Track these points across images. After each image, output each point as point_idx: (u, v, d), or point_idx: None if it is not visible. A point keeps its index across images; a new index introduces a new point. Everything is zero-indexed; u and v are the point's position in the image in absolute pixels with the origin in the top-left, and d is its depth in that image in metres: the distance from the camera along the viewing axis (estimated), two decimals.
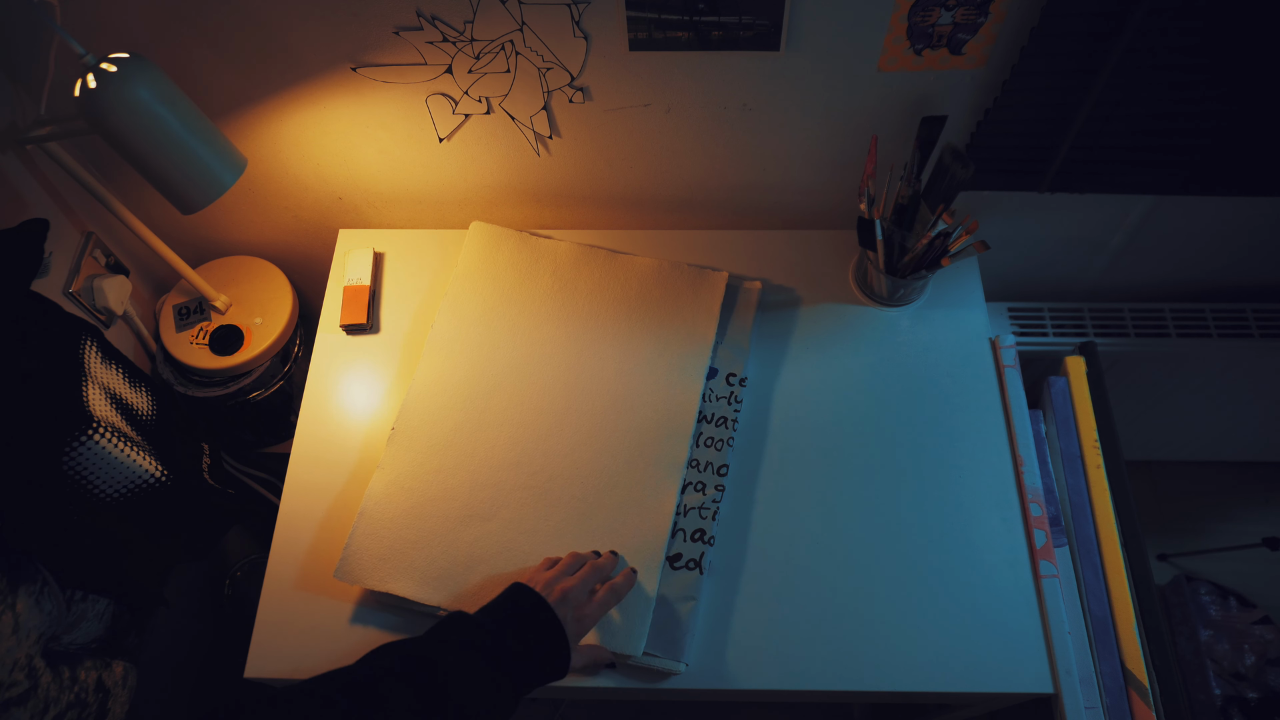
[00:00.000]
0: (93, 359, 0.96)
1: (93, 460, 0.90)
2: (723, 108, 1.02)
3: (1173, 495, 1.78)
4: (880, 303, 1.11)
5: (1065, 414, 1.08)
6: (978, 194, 1.13)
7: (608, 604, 0.84)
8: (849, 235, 1.15)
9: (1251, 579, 1.62)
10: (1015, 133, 1.00)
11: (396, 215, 1.24)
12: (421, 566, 0.92)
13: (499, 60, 0.96)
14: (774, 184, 1.15)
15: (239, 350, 1.21)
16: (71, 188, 1.08)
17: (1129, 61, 0.89)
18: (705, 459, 1.00)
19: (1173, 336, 1.29)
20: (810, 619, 0.92)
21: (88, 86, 0.79)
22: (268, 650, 0.92)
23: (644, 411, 1.01)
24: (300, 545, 0.98)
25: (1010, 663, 0.89)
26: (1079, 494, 1.03)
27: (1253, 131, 0.97)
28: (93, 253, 1.11)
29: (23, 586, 0.81)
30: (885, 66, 0.95)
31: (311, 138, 1.09)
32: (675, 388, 1.03)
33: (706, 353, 1.05)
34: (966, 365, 1.06)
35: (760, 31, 0.90)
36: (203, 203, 0.89)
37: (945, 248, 0.99)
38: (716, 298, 1.09)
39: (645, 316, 1.08)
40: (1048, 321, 1.30)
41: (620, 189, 1.17)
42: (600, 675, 0.88)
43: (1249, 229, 1.21)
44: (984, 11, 0.87)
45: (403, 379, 1.08)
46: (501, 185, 1.17)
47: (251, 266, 1.28)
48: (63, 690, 0.85)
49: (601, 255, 1.13)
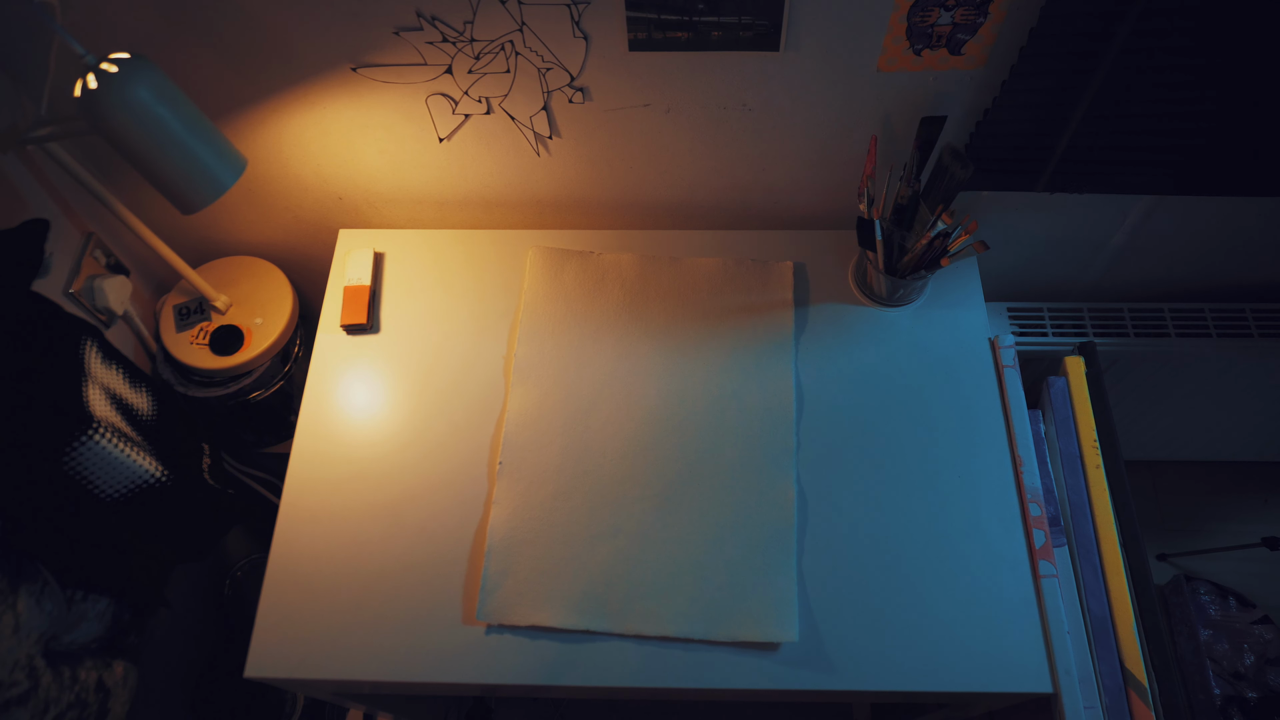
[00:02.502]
0: (93, 359, 0.96)
1: (93, 460, 0.90)
2: (722, 108, 1.02)
3: (1173, 495, 1.78)
4: (880, 303, 1.11)
5: (1065, 414, 1.08)
6: (977, 194, 1.13)
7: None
8: (849, 235, 1.16)
9: (1251, 579, 1.62)
10: (1014, 133, 1.00)
11: (396, 215, 1.24)
12: (561, 594, 0.93)
13: (499, 60, 0.96)
14: (774, 184, 1.15)
15: (239, 350, 1.21)
16: (72, 188, 1.08)
17: (1127, 62, 0.89)
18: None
19: (1172, 336, 1.29)
20: (810, 619, 0.92)
21: (88, 87, 0.79)
22: (268, 650, 0.92)
23: (744, 406, 1.04)
24: (300, 545, 0.98)
25: (1010, 662, 0.90)
26: (1078, 494, 1.03)
27: (1249, 131, 0.97)
28: (93, 253, 1.11)
29: (23, 586, 0.81)
30: (885, 67, 0.95)
31: (311, 138, 1.09)
32: (768, 377, 1.06)
33: (789, 340, 1.08)
34: (966, 365, 1.07)
35: (760, 32, 0.90)
36: (203, 203, 0.89)
37: (945, 248, 0.99)
38: (788, 286, 1.12)
39: (723, 314, 1.11)
40: (1047, 321, 1.30)
41: (620, 189, 1.17)
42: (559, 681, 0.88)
43: (1248, 229, 1.21)
44: (983, 12, 0.87)
45: (403, 380, 1.08)
46: (501, 185, 1.17)
47: (251, 266, 1.28)
48: (63, 690, 0.85)
49: (665, 262, 1.15)
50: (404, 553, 0.97)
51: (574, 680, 0.90)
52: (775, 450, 1.01)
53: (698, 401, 1.04)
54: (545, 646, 0.91)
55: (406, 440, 1.04)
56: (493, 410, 1.05)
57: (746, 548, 0.95)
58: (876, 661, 0.89)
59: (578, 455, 1.01)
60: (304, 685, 0.98)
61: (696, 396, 1.05)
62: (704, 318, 1.11)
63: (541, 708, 1.62)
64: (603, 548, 0.96)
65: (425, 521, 0.99)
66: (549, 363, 1.07)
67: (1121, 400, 1.43)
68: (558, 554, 0.95)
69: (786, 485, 0.99)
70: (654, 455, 1.01)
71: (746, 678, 0.89)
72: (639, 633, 0.91)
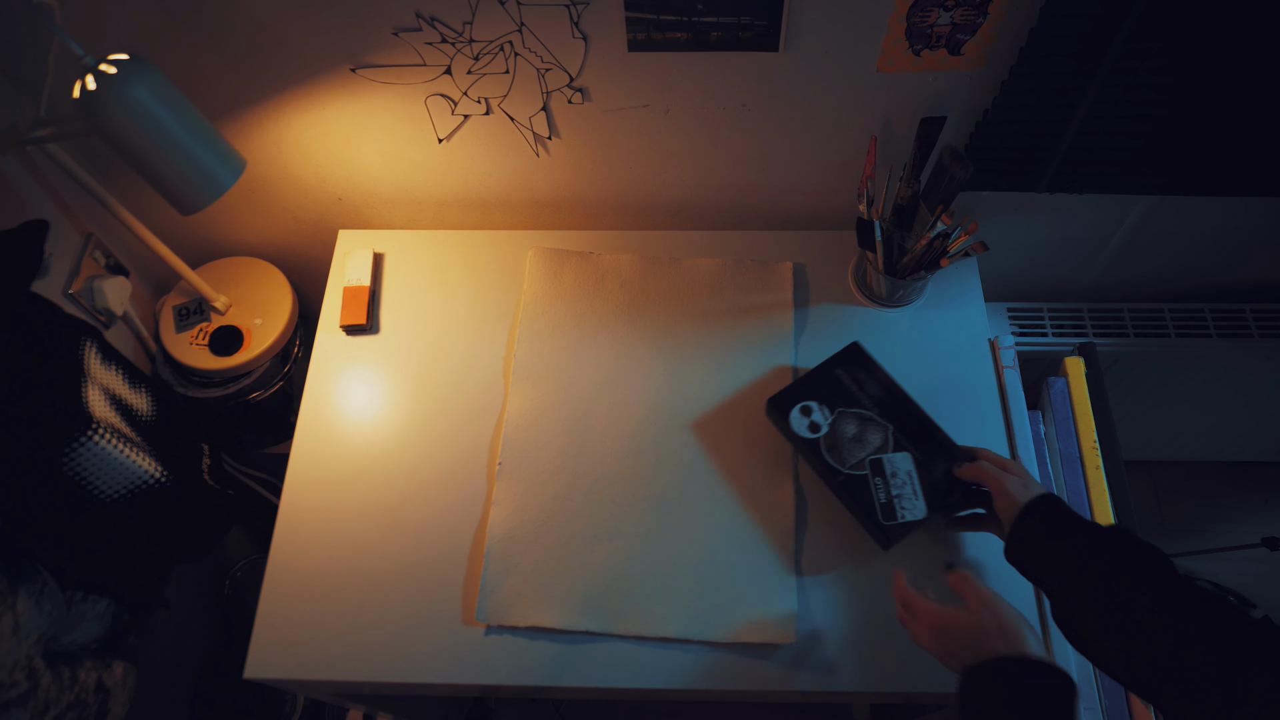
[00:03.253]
0: (92, 360, 0.96)
1: (93, 461, 0.90)
2: (722, 108, 1.02)
3: (1173, 495, 1.78)
4: (879, 303, 1.11)
5: (1064, 415, 1.08)
6: (977, 194, 1.13)
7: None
8: (848, 236, 1.15)
9: (1251, 579, 1.62)
10: (1014, 133, 1.00)
11: (396, 216, 1.24)
12: (561, 595, 0.93)
13: (498, 61, 0.96)
14: (773, 184, 1.15)
15: (239, 351, 1.21)
16: (71, 188, 1.08)
17: (1127, 62, 0.89)
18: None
19: (1172, 336, 1.29)
20: (809, 619, 0.92)
21: (87, 88, 0.79)
22: (268, 651, 0.93)
23: (743, 409, 1.03)
24: (300, 545, 0.98)
25: None
26: (1078, 495, 1.03)
27: (1250, 131, 0.97)
28: (93, 254, 1.11)
29: (23, 587, 0.81)
30: (884, 67, 0.95)
31: (311, 139, 1.09)
32: (768, 380, 1.05)
33: (789, 343, 1.08)
34: (965, 366, 1.06)
35: (759, 32, 0.90)
36: (202, 204, 0.89)
37: (944, 248, 0.99)
38: (787, 288, 1.12)
39: (723, 315, 1.10)
40: (1047, 322, 1.30)
41: (619, 190, 1.17)
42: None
43: (1248, 229, 1.21)
44: (983, 12, 0.87)
45: (403, 380, 1.08)
46: (501, 186, 1.17)
47: (251, 267, 1.28)
48: (63, 690, 0.85)
49: (665, 262, 1.15)
50: (404, 553, 0.97)
51: (573, 681, 0.90)
52: (775, 450, 1.01)
53: (696, 403, 1.04)
54: (545, 647, 0.91)
55: (406, 441, 1.04)
56: (492, 411, 1.05)
57: (746, 549, 0.95)
58: (876, 662, 0.89)
59: (577, 456, 1.01)
60: (304, 686, 0.98)
61: (694, 398, 1.05)
62: (704, 318, 1.11)
63: (541, 708, 1.62)
64: (602, 548, 0.96)
65: (425, 522, 0.99)
66: (549, 363, 1.07)
67: (1121, 400, 1.43)
68: (557, 555, 0.95)
69: (786, 485, 0.98)
70: (654, 456, 1.01)
71: (746, 679, 0.89)
72: (638, 633, 0.91)
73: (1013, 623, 0.72)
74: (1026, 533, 0.78)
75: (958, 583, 0.78)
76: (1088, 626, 0.70)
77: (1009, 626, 0.71)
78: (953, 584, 0.78)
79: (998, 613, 0.73)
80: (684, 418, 1.03)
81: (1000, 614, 0.73)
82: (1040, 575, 0.77)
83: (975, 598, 0.75)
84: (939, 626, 0.75)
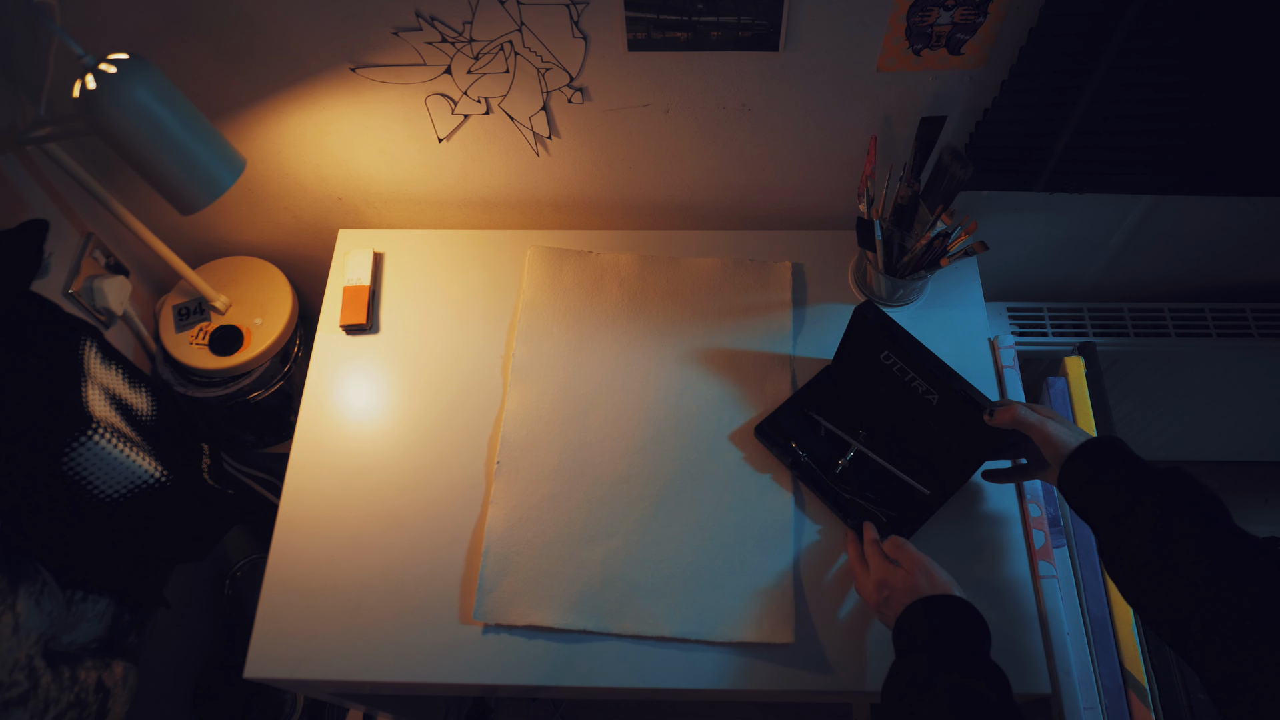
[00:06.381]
0: (92, 359, 0.96)
1: (93, 460, 0.90)
2: (722, 108, 1.02)
3: None
4: (879, 303, 1.11)
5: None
6: (977, 194, 1.13)
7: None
8: (848, 235, 1.15)
9: None
10: (1014, 133, 1.00)
11: (396, 215, 1.24)
12: (559, 594, 0.93)
13: (498, 61, 0.96)
14: (773, 184, 1.15)
15: (239, 350, 1.21)
16: (71, 188, 1.08)
17: (1127, 61, 0.89)
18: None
19: (1172, 336, 1.29)
20: (808, 619, 0.92)
21: (87, 87, 0.79)
22: (268, 650, 0.93)
23: (741, 407, 1.03)
24: (300, 545, 0.98)
25: (1009, 663, 0.89)
26: None
27: (1250, 131, 0.97)
28: (92, 253, 1.11)
29: (23, 586, 0.81)
30: (884, 66, 0.95)
31: (311, 138, 1.09)
32: (766, 380, 1.06)
33: (788, 340, 1.08)
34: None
35: (759, 32, 0.90)
36: (202, 203, 0.89)
37: (944, 248, 0.99)
38: (786, 287, 1.12)
39: (721, 315, 1.11)
40: (1047, 322, 1.30)
41: (619, 189, 1.17)
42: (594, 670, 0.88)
43: (1248, 229, 1.21)
44: (983, 12, 0.87)
45: (402, 379, 1.08)
46: (500, 185, 1.17)
47: (251, 267, 1.28)
48: (63, 690, 0.85)
49: (664, 262, 1.15)
50: (402, 552, 0.97)
51: (571, 680, 0.90)
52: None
53: (694, 402, 1.04)
54: (542, 646, 0.91)
55: (406, 440, 1.04)
56: (491, 410, 1.05)
57: (744, 548, 0.95)
58: (875, 662, 0.89)
59: (574, 455, 1.01)
60: (303, 686, 0.98)
61: (692, 397, 1.05)
62: (703, 317, 1.10)
63: (541, 708, 1.62)
64: (600, 547, 0.96)
65: (423, 521, 0.99)
66: (547, 362, 1.07)
67: (1121, 400, 1.42)
68: (555, 554, 0.95)
69: (785, 485, 0.98)
70: (652, 455, 1.01)
71: (744, 678, 0.89)
72: (636, 633, 0.91)
73: (945, 583, 0.82)
74: (1079, 475, 0.80)
75: (894, 549, 0.87)
76: (1132, 567, 0.72)
77: (941, 585, 0.81)
78: (889, 550, 0.88)
79: (931, 575, 0.83)
80: (682, 417, 1.03)
81: (933, 576, 0.83)
82: (1089, 514, 0.79)
83: (910, 561, 0.85)
84: (882, 580, 0.85)
